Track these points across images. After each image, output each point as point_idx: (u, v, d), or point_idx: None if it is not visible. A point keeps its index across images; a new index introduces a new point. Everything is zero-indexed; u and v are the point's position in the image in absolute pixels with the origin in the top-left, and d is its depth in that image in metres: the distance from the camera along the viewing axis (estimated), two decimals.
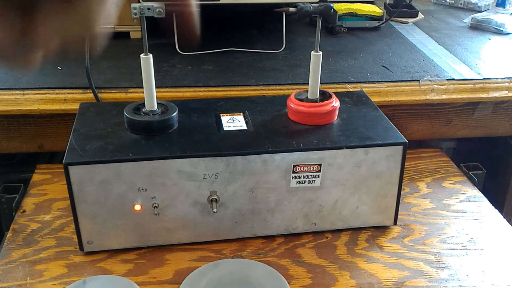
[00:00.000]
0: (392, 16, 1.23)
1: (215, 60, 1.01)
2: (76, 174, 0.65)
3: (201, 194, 0.69)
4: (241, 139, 0.71)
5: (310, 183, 0.71)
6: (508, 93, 0.94)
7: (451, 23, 1.29)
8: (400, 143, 0.71)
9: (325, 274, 0.69)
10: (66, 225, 0.76)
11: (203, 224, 0.71)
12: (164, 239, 0.72)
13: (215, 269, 0.68)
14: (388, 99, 0.91)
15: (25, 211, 0.79)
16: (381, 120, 0.76)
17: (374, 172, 0.72)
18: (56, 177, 0.87)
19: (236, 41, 1.09)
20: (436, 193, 0.87)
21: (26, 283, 0.66)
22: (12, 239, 0.73)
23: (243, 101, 0.82)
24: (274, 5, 1.01)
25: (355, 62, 1.02)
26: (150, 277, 0.68)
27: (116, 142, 0.69)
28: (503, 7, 1.34)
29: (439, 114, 0.96)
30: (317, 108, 0.74)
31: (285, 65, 0.99)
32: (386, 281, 0.68)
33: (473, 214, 0.82)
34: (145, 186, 0.67)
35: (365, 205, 0.74)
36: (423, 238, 0.76)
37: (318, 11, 0.70)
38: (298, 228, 0.75)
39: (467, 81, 0.95)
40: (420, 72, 0.97)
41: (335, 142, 0.70)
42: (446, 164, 0.94)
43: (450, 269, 0.70)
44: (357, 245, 0.74)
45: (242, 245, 0.74)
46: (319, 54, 0.72)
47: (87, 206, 0.67)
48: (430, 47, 1.11)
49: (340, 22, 1.18)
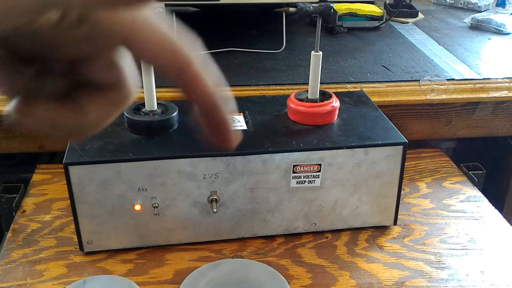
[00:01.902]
0: (392, 16, 1.23)
1: (215, 60, 0.99)
2: (76, 174, 0.65)
3: (201, 194, 0.69)
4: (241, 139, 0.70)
5: (310, 183, 0.71)
6: (508, 93, 0.94)
7: (451, 23, 1.29)
8: (400, 143, 0.71)
9: (325, 274, 0.69)
10: (66, 225, 0.76)
11: (203, 224, 0.71)
12: (164, 239, 0.72)
13: (215, 269, 0.68)
14: (388, 99, 0.91)
15: (25, 211, 0.79)
16: (381, 120, 0.76)
17: (374, 172, 0.72)
18: (56, 177, 0.87)
19: (236, 41, 1.09)
20: (436, 193, 0.87)
21: (26, 283, 0.66)
22: (12, 239, 0.73)
23: (243, 101, 0.82)
24: (274, 5, 1.01)
25: (355, 62, 1.02)
26: (150, 277, 0.68)
27: (116, 142, 0.69)
28: (503, 7, 1.34)
29: (439, 114, 0.96)
30: (317, 108, 0.74)
31: (285, 65, 0.99)
32: (386, 281, 0.68)
33: (473, 214, 0.82)
34: (145, 186, 0.67)
35: (365, 205, 0.74)
36: (423, 238, 0.76)
37: (318, 11, 0.70)
38: (298, 228, 0.75)
39: (467, 81, 0.95)
40: (420, 72, 0.97)
41: (335, 142, 0.70)
42: (446, 164, 0.94)
43: (450, 269, 0.70)
44: (357, 245, 0.74)
45: (242, 245, 0.74)
46: (319, 54, 0.72)
47: (87, 206, 0.67)
48: (430, 47, 1.11)
49: (340, 22, 1.18)
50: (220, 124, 0.25)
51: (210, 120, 0.25)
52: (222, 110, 0.25)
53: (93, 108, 0.24)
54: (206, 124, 0.25)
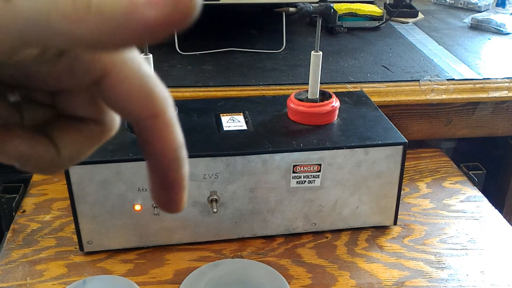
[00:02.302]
0: (392, 16, 1.23)
1: (215, 60, 1.01)
2: (76, 174, 0.65)
3: (201, 194, 0.69)
4: (241, 139, 0.71)
5: (310, 183, 0.71)
6: (508, 93, 0.94)
7: (451, 23, 1.29)
8: (400, 143, 0.71)
9: (325, 274, 0.69)
10: (66, 225, 0.76)
11: (203, 224, 0.71)
12: (164, 239, 0.72)
13: (215, 269, 0.68)
14: (388, 99, 0.91)
15: (25, 211, 0.79)
16: (381, 120, 0.76)
17: (374, 172, 0.72)
18: (56, 177, 0.87)
19: (236, 41, 1.09)
20: (436, 193, 0.87)
21: (26, 283, 0.66)
22: (12, 239, 0.73)
23: (243, 101, 0.82)
24: (274, 5, 1.01)
25: (355, 62, 1.02)
26: (150, 277, 0.68)
27: (116, 142, 0.69)
28: (503, 7, 1.34)
29: (439, 114, 0.96)
30: (317, 108, 0.74)
31: (285, 65, 0.99)
32: (386, 281, 0.68)
33: (473, 214, 0.82)
34: (145, 186, 0.67)
35: (365, 205, 0.74)
36: (423, 238, 0.76)
37: (318, 11, 0.70)
38: (298, 228, 0.75)
39: (467, 81, 0.95)
40: (420, 72, 0.97)
41: (335, 142, 0.70)
42: (446, 164, 0.94)
43: (450, 269, 0.70)
44: (357, 245, 0.74)
45: (242, 245, 0.74)
46: (319, 54, 0.72)
47: (87, 206, 0.67)
48: (430, 47, 1.11)
49: (340, 22, 1.18)
50: (176, 182, 0.24)
51: (165, 177, 0.23)
52: (182, 167, 0.24)
53: (68, 143, 0.23)
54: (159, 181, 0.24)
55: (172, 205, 0.24)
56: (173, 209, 0.24)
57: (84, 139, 0.24)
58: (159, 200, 0.24)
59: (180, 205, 0.24)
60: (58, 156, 0.23)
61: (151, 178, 0.24)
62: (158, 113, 0.22)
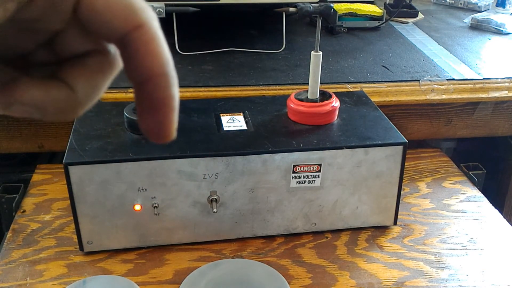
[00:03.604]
0: (392, 16, 1.23)
1: (215, 60, 1.00)
2: (76, 174, 0.65)
3: (201, 194, 0.69)
4: (241, 139, 0.71)
5: (310, 183, 0.71)
6: (508, 93, 0.94)
7: (451, 23, 1.29)
8: (400, 143, 0.71)
9: (325, 274, 0.69)
10: (66, 225, 0.76)
11: (203, 224, 0.71)
12: (164, 239, 0.72)
13: (215, 269, 0.68)
14: (388, 99, 0.91)
15: (25, 211, 0.79)
16: (381, 120, 0.76)
17: (374, 172, 0.72)
18: (56, 177, 0.87)
19: (236, 41, 1.09)
20: (436, 193, 0.87)
21: (26, 283, 0.66)
22: (12, 239, 0.73)
23: (243, 101, 0.82)
24: (274, 5, 1.01)
25: (355, 62, 1.02)
26: (150, 277, 0.68)
27: (116, 142, 0.69)
28: (503, 7, 1.34)
29: (439, 114, 0.96)
30: (317, 108, 0.74)
31: (285, 65, 0.99)
32: (386, 281, 0.68)
33: (473, 214, 0.82)
34: (145, 186, 0.67)
35: (365, 205, 0.74)
36: (423, 238, 0.76)
37: (318, 11, 0.70)
38: (298, 228, 0.75)
39: (467, 81, 0.95)
40: (420, 72, 0.97)
41: (335, 142, 0.70)
42: (446, 164, 0.94)
43: (450, 269, 0.70)
44: (357, 245, 0.74)
45: (242, 245, 0.74)
46: (319, 54, 0.72)
47: (87, 206, 0.67)
48: (430, 47, 1.11)
49: (340, 22, 1.18)
50: (164, 101, 0.22)
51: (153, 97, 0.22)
52: (171, 85, 0.22)
53: (80, 80, 0.23)
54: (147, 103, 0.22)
55: (161, 130, 0.23)
56: (162, 134, 0.23)
57: (94, 72, 0.23)
58: (147, 126, 0.23)
59: (170, 130, 0.23)
60: (74, 95, 0.23)
61: (138, 102, 0.22)
62: (141, 24, 0.21)
